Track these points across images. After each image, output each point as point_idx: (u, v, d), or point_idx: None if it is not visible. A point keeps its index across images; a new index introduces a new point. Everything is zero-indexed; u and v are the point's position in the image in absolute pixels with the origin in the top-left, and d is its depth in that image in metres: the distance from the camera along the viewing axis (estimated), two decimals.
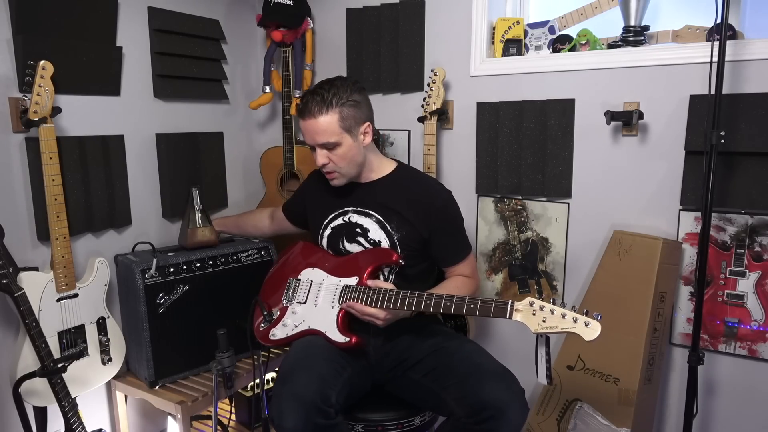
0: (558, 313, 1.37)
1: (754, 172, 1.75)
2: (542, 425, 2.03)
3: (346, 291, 1.69)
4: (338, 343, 1.66)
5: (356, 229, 1.77)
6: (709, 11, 1.60)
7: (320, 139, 1.66)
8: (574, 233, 2.08)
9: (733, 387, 1.88)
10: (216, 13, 2.42)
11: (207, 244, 2.18)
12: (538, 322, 1.39)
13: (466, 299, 1.49)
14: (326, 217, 1.83)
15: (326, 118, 1.63)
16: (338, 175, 1.73)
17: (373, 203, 1.76)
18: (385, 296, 1.59)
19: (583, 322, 1.35)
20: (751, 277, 1.80)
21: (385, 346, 1.74)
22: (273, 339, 1.79)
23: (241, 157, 2.63)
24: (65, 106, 1.84)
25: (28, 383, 1.66)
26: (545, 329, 1.38)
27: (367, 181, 1.80)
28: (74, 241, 1.94)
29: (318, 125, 1.64)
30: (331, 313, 1.70)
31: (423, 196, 1.74)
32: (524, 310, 1.41)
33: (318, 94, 1.64)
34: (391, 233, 1.73)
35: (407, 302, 1.56)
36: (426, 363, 1.66)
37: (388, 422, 1.68)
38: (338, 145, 1.66)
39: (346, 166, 1.71)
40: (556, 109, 2.03)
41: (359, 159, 1.73)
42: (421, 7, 2.25)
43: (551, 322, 1.38)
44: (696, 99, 1.80)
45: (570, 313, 1.37)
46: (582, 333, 1.35)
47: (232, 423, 2.35)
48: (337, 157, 1.68)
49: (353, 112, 1.66)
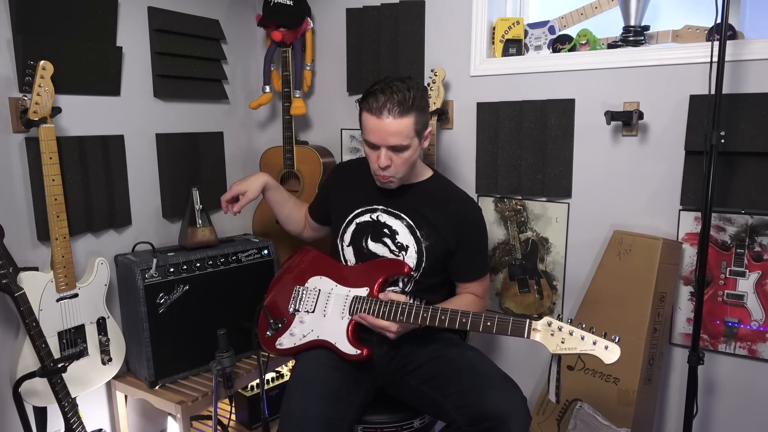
0: (577, 335, 1.36)
1: (754, 172, 1.75)
2: (542, 425, 2.03)
3: (357, 302, 1.65)
4: (349, 356, 1.63)
5: (384, 229, 1.72)
6: (709, 11, 1.59)
7: (393, 141, 1.56)
8: (574, 233, 2.08)
9: (733, 387, 1.88)
10: (216, 13, 2.42)
11: (207, 244, 2.18)
12: (556, 342, 1.38)
13: (483, 317, 1.46)
14: (352, 212, 1.77)
15: (405, 120, 1.55)
16: (393, 180, 1.66)
17: (405, 206, 1.72)
18: (398, 309, 1.55)
19: (602, 345, 1.34)
20: (751, 277, 1.80)
21: (389, 353, 1.72)
22: (280, 348, 1.75)
23: (241, 157, 2.63)
24: (65, 106, 1.84)
25: (28, 383, 1.66)
26: (564, 350, 1.37)
27: (404, 184, 1.73)
28: (74, 241, 1.94)
29: (396, 126, 1.55)
30: (341, 324, 1.66)
31: (457, 207, 1.72)
32: (543, 331, 1.40)
33: (398, 92, 1.54)
34: (420, 240, 1.69)
35: (421, 316, 1.52)
36: (425, 370, 1.64)
37: (387, 424, 1.67)
38: (407, 148, 1.59)
39: (406, 170, 1.64)
40: (556, 109, 2.03)
41: (416, 163, 1.68)
42: (421, 7, 2.25)
43: (570, 343, 1.37)
44: (696, 99, 1.80)
45: (589, 335, 1.36)
46: (602, 356, 1.34)
47: (232, 423, 2.35)
48: (402, 160, 1.61)
49: (424, 117, 1.61)
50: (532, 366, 2.20)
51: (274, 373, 2.42)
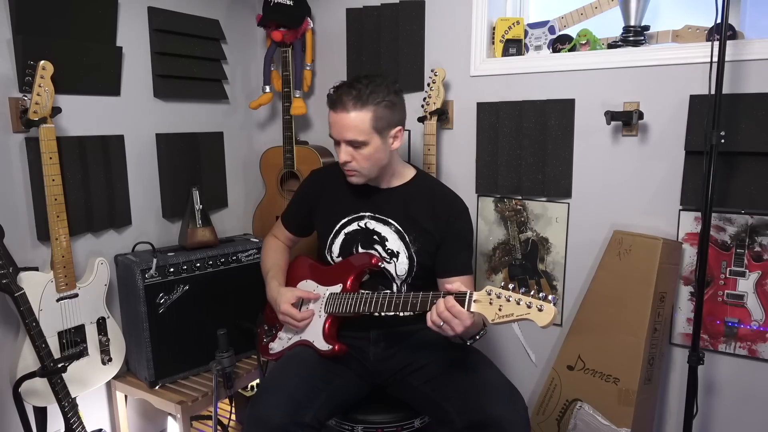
0: (513, 300, 1.28)
1: (754, 172, 1.75)
2: (542, 425, 2.03)
3: (332, 298, 1.68)
4: (322, 351, 1.66)
5: (373, 236, 1.71)
6: (709, 11, 1.59)
7: (348, 135, 1.58)
8: (574, 233, 2.08)
9: (733, 387, 1.88)
10: (216, 13, 2.42)
11: (207, 244, 2.18)
12: (495, 311, 1.31)
13: (430, 295, 1.45)
14: (339, 222, 1.75)
15: (359, 114, 1.56)
16: (358, 174, 1.65)
17: (392, 212, 1.71)
18: (362, 298, 1.60)
19: (536, 307, 1.25)
20: (751, 277, 1.80)
21: (386, 353, 1.72)
22: (272, 353, 1.81)
23: (241, 157, 2.63)
24: (65, 106, 1.84)
25: (28, 383, 1.66)
26: (502, 318, 1.29)
27: (387, 187, 1.73)
28: (74, 241, 1.94)
29: (349, 120, 1.56)
30: (319, 322, 1.69)
31: (443, 203, 1.71)
32: (482, 300, 1.34)
33: (355, 88, 1.56)
34: (409, 245, 1.68)
35: (380, 303, 1.56)
36: (428, 371, 1.63)
37: (388, 424, 1.67)
38: (365, 144, 1.58)
39: (369, 167, 1.63)
40: (556, 109, 2.03)
41: (383, 162, 1.65)
42: (421, 7, 2.25)
43: (507, 309, 1.29)
44: (696, 99, 1.80)
45: (525, 297, 1.27)
46: (535, 318, 1.25)
47: (232, 423, 2.35)
48: (362, 156, 1.61)
49: (387, 114, 1.59)
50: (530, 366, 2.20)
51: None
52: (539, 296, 1.28)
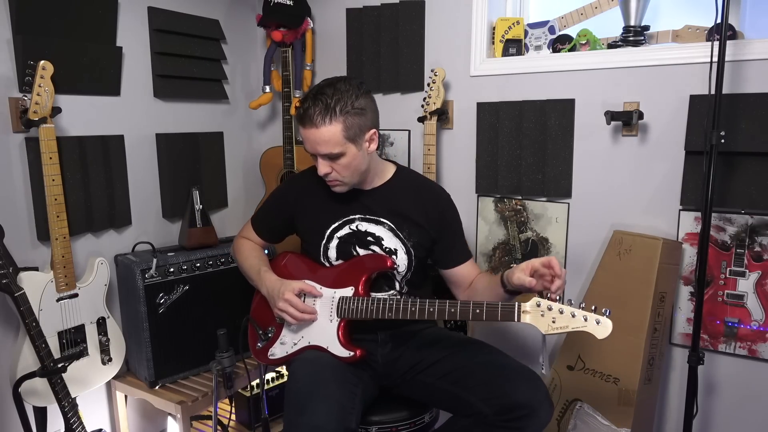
0: (567, 313, 1.34)
1: (754, 172, 1.75)
2: None
3: (344, 302, 1.63)
4: (342, 358, 1.61)
5: (368, 237, 1.69)
6: (709, 11, 1.59)
7: (322, 149, 1.55)
8: (574, 233, 2.08)
9: (733, 387, 1.88)
10: (216, 13, 2.42)
11: (207, 244, 2.18)
12: (547, 323, 1.36)
13: (471, 304, 1.46)
14: (329, 227, 1.71)
15: (329, 128, 1.52)
16: (341, 184, 1.63)
17: (382, 210, 1.69)
18: (386, 306, 1.55)
19: (594, 320, 1.32)
20: (751, 277, 1.80)
21: (393, 354, 1.71)
22: (272, 358, 1.72)
23: (241, 157, 2.63)
24: (65, 106, 1.84)
25: (28, 383, 1.66)
26: (555, 330, 1.35)
27: (371, 187, 1.71)
28: (74, 241, 1.94)
29: (320, 135, 1.52)
30: (331, 327, 1.64)
31: (429, 196, 1.72)
32: (532, 312, 1.38)
33: (320, 100, 1.52)
34: (405, 241, 1.68)
35: (409, 311, 1.53)
36: (442, 366, 1.62)
37: (402, 422, 1.66)
38: (342, 155, 1.55)
39: (350, 175, 1.61)
40: (556, 109, 2.03)
41: (363, 167, 1.63)
42: (421, 7, 2.25)
43: (561, 322, 1.35)
44: (696, 99, 1.80)
45: (579, 311, 1.34)
46: (594, 331, 1.33)
47: (232, 423, 2.35)
48: (341, 167, 1.58)
49: (358, 120, 1.55)
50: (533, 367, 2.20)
51: (274, 373, 2.42)
52: (592, 309, 1.34)
